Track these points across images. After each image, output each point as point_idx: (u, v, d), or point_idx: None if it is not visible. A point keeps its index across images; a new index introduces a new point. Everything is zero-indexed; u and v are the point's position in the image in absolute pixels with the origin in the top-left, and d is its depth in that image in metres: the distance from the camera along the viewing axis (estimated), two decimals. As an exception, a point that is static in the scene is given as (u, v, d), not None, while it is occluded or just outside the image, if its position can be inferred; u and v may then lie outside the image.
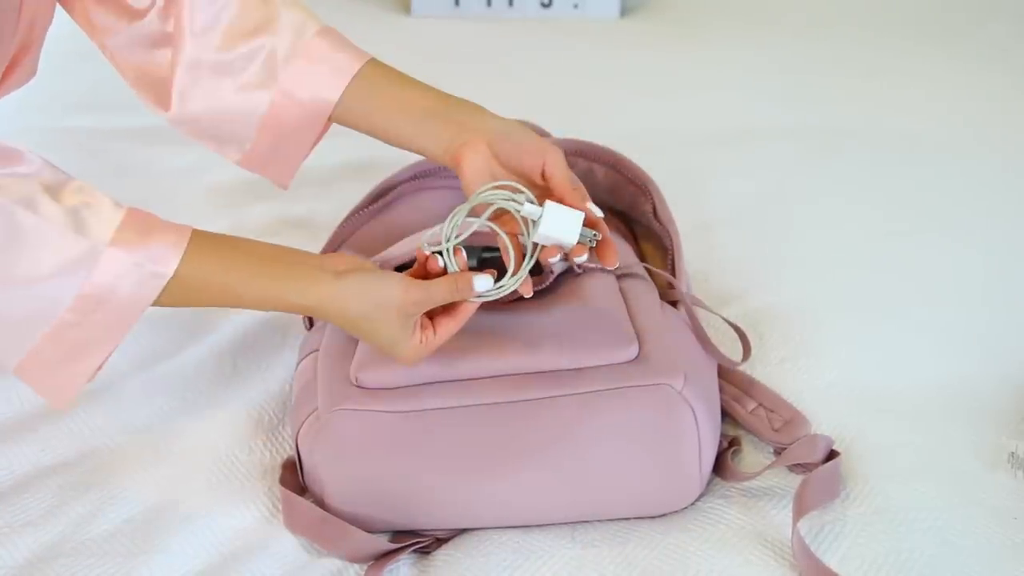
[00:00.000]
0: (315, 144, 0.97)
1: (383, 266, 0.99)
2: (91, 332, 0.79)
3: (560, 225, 0.83)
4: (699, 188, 1.37)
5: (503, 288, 0.84)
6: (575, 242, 0.83)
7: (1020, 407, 0.99)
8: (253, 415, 1.02)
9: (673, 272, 1.05)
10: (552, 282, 0.96)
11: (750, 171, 1.44)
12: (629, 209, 1.16)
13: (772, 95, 1.70)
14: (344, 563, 0.88)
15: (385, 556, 0.87)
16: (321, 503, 0.90)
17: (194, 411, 1.03)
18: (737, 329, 1.04)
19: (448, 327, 0.85)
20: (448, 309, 0.86)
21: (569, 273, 0.98)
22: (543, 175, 0.87)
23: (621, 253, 1.05)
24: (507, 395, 0.88)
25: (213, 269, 0.80)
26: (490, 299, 0.85)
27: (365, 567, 0.87)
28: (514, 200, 0.84)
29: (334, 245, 1.13)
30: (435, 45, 1.97)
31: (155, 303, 0.80)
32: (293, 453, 0.94)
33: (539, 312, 0.94)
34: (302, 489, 0.92)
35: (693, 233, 1.23)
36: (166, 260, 0.78)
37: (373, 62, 0.94)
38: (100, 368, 0.83)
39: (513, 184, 0.84)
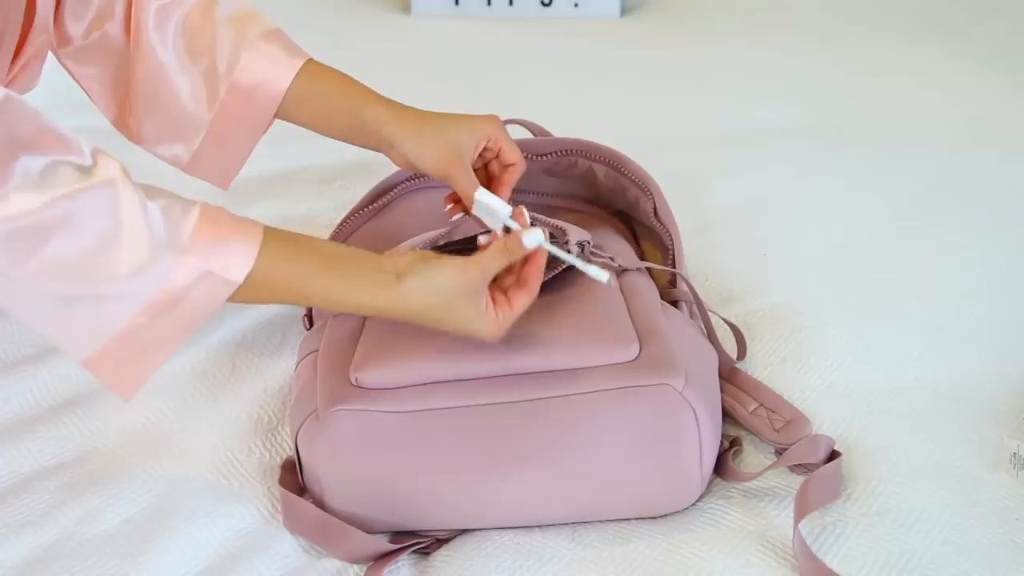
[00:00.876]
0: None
1: None
2: (160, 332, 0.80)
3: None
4: (699, 188, 1.37)
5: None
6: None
7: (1021, 407, 0.99)
8: (252, 415, 1.02)
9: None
10: (552, 282, 0.96)
11: (750, 171, 1.44)
12: (630, 209, 1.16)
13: (772, 94, 1.70)
14: (344, 563, 0.87)
15: (385, 557, 0.87)
16: (321, 503, 0.89)
17: (193, 412, 1.03)
18: (732, 327, 1.03)
19: (521, 299, 0.86)
20: (519, 281, 0.87)
21: (569, 272, 0.98)
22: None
23: (621, 253, 1.05)
24: (507, 395, 0.88)
25: (282, 272, 0.82)
26: (550, 253, 0.87)
27: (365, 567, 0.87)
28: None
29: (334, 245, 1.13)
30: (435, 45, 1.97)
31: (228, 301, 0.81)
32: (292, 453, 0.94)
33: (539, 312, 0.94)
34: (301, 489, 0.92)
35: (693, 233, 1.23)
36: (237, 268, 0.79)
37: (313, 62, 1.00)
38: (162, 362, 0.83)
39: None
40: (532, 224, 0.88)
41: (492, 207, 0.90)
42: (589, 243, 0.97)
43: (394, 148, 0.97)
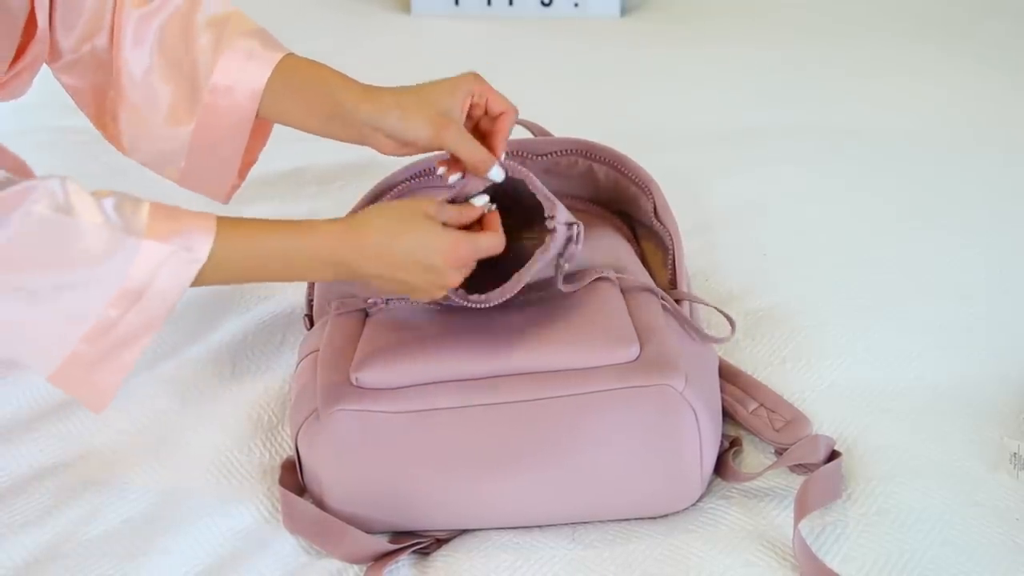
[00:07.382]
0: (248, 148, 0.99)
1: None
2: (130, 326, 0.79)
3: None
4: (699, 188, 1.37)
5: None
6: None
7: (1021, 407, 0.99)
8: (252, 415, 1.02)
9: (674, 271, 1.05)
10: (552, 283, 0.96)
11: (750, 170, 1.44)
12: (630, 209, 1.16)
13: (773, 94, 1.70)
14: (344, 563, 0.87)
15: (385, 557, 0.87)
16: (320, 503, 0.89)
17: (193, 411, 1.03)
18: (724, 314, 1.02)
19: (485, 238, 0.88)
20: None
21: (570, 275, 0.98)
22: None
23: (621, 253, 1.05)
24: (508, 395, 0.88)
25: (242, 239, 0.82)
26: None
27: (365, 567, 0.87)
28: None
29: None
30: (435, 44, 1.97)
31: (191, 285, 0.81)
32: (292, 453, 0.94)
33: (540, 312, 0.94)
34: (301, 489, 0.92)
35: (693, 233, 1.23)
36: (199, 246, 0.80)
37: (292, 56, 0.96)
38: (134, 361, 0.82)
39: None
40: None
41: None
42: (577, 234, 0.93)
43: (378, 131, 0.92)
